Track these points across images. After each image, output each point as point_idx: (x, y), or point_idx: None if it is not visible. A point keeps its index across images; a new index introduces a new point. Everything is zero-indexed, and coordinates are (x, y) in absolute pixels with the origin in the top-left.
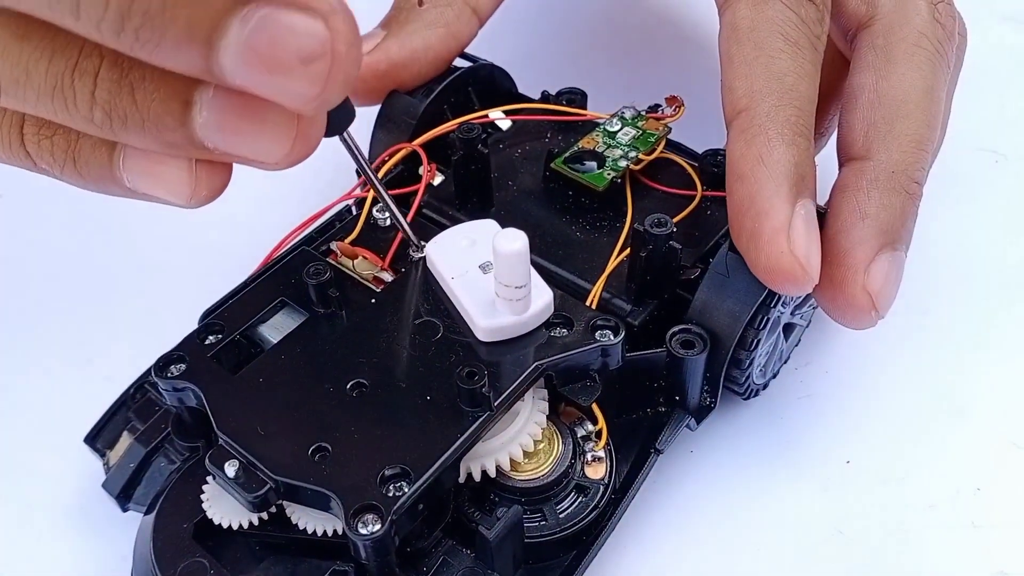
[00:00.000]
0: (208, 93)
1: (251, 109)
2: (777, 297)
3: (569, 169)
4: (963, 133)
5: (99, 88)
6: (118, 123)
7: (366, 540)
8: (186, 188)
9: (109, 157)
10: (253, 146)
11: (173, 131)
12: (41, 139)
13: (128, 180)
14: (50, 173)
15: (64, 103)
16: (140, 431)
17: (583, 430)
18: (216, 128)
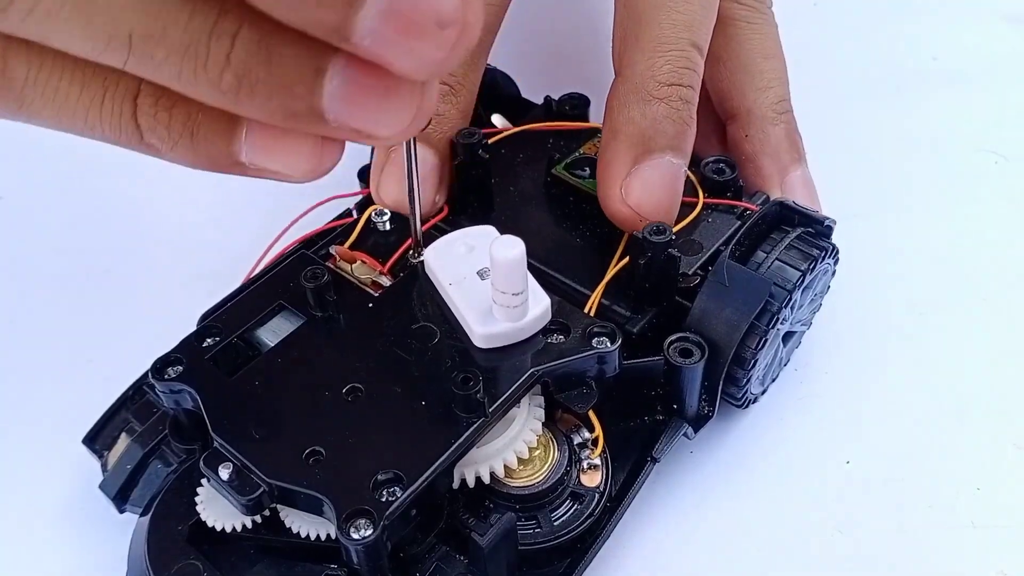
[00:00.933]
0: (340, 62)
1: (381, 82)
2: (777, 315)
3: (570, 175)
4: (964, 132)
5: (236, 50)
6: (246, 90)
7: (358, 545)
8: (307, 162)
9: (229, 133)
10: (374, 119)
11: (300, 100)
12: (159, 111)
13: (247, 154)
14: (158, 150)
15: (195, 64)
16: (138, 432)
17: (579, 437)
18: (342, 99)
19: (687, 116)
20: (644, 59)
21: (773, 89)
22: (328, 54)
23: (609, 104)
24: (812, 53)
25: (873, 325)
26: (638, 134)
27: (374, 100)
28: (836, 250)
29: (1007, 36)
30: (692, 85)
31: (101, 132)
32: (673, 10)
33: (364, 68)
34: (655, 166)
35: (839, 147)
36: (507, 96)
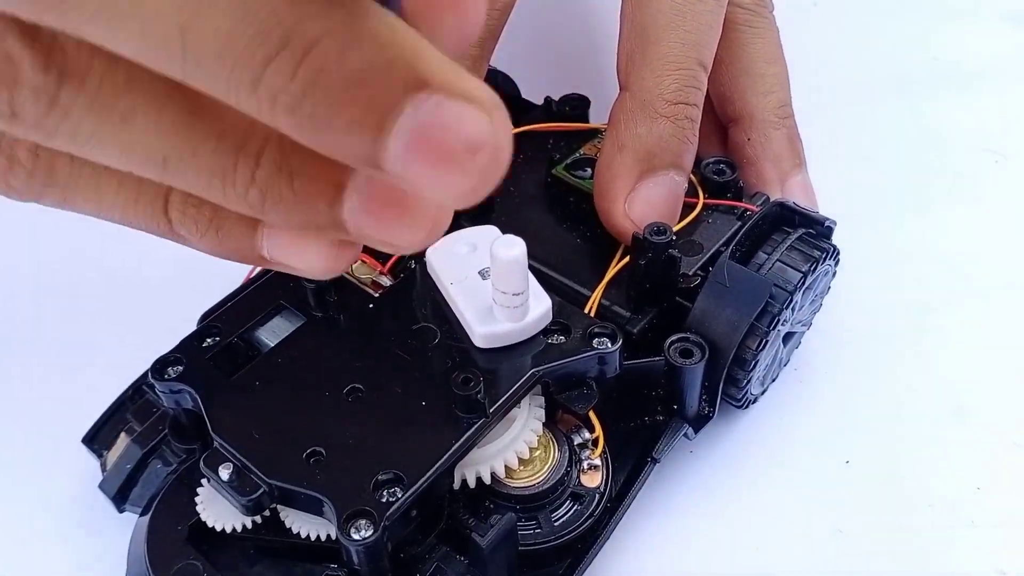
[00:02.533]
0: (360, 180)
1: (400, 196)
2: (777, 317)
3: (571, 176)
4: (963, 133)
5: (260, 170)
6: (271, 204)
7: (358, 545)
8: (325, 263)
9: (252, 230)
10: (394, 233)
11: (321, 214)
12: (187, 208)
13: (268, 252)
14: (186, 240)
15: (223, 182)
16: (138, 432)
17: (580, 438)
18: (363, 213)
19: (691, 135)
20: (652, 76)
21: (775, 94)
22: (348, 172)
23: (615, 117)
24: (812, 53)
25: (873, 325)
26: (644, 151)
27: (393, 216)
28: (837, 251)
29: (1007, 36)
30: (697, 104)
31: (136, 224)
32: (681, 28)
33: (384, 185)
34: (659, 183)
35: (839, 147)
36: (507, 97)
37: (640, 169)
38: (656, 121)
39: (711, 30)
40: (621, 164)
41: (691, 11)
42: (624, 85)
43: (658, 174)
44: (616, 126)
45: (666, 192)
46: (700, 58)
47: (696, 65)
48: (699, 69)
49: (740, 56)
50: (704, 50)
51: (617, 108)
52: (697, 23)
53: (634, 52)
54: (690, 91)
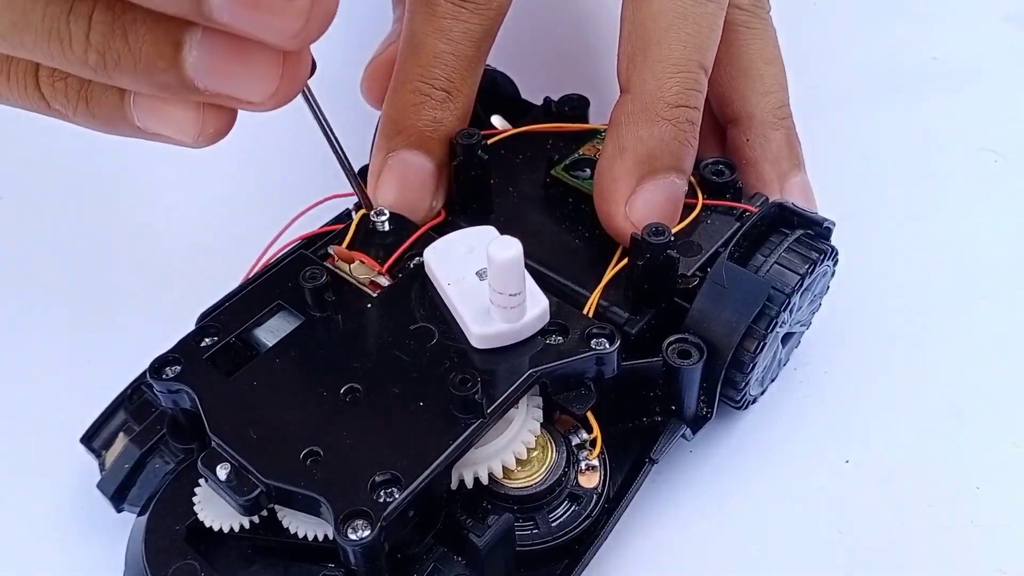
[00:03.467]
0: (197, 35)
1: (238, 49)
2: (775, 319)
3: (569, 176)
4: (963, 131)
5: (93, 30)
6: (111, 65)
7: (355, 546)
8: (193, 127)
9: (120, 97)
10: (241, 85)
11: (164, 72)
12: (55, 81)
13: (138, 119)
14: (64, 115)
15: (60, 46)
16: (136, 432)
17: (577, 438)
18: (205, 69)
19: (691, 138)
20: (653, 79)
21: (774, 94)
22: (184, 28)
23: (615, 120)
24: (811, 53)
25: (872, 325)
26: (645, 153)
27: (237, 68)
28: (835, 252)
29: (1007, 36)
30: (698, 107)
31: (15, 101)
32: (682, 31)
33: (224, 38)
34: (660, 186)
35: (839, 147)
36: (506, 97)
37: (641, 172)
38: (657, 124)
39: (712, 32)
40: (622, 167)
41: (692, 13)
42: (625, 87)
43: (659, 177)
44: (617, 128)
45: (667, 195)
46: (701, 60)
47: (697, 68)
48: (700, 72)
49: (738, 57)
50: (705, 52)
51: (618, 110)
52: (698, 25)
53: (635, 54)
54: (691, 94)
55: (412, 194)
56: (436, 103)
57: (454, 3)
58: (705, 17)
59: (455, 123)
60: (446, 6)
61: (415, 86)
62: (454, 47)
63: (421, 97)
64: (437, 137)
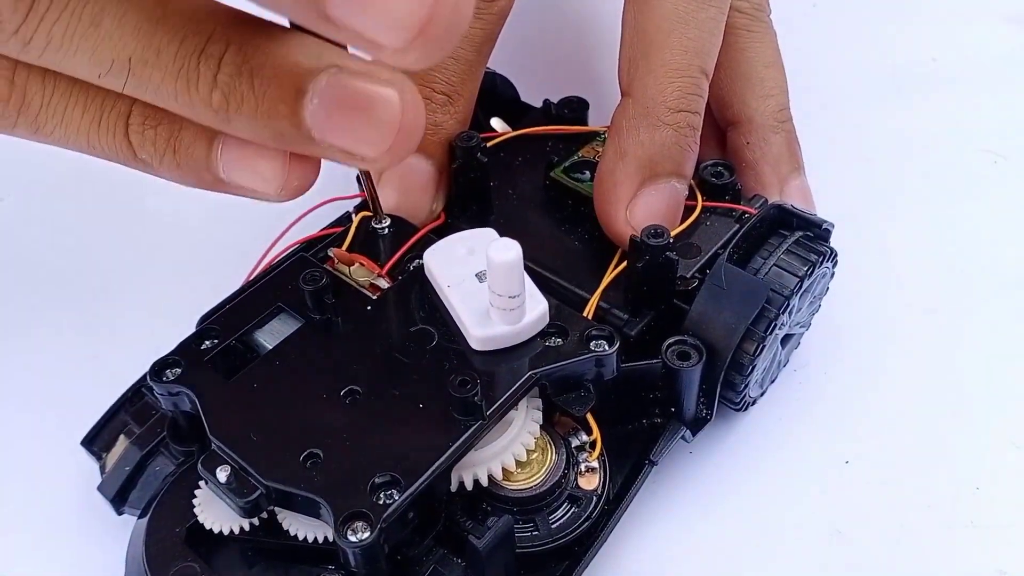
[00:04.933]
0: (322, 83)
1: (359, 101)
2: (774, 322)
3: (569, 178)
4: (963, 132)
5: (222, 72)
6: (234, 107)
7: (355, 547)
8: (279, 179)
9: (208, 148)
10: (357, 138)
11: (284, 119)
12: (146, 129)
13: (224, 171)
14: (148, 164)
15: (187, 85)
16: (136, 434)
17: (577, 440)
18: (325, 117)
19: (692, 142)
20: (654, 83)
21: (774, 97)
22: (309, 76)
23: (617, 124)
24: (811, 54)
25: (872, 325)
26: (646, 158)
27: (354, 119)
28: (835, 254)
29: (1007, 36)
30: (699, 111)
31: (101, 150)
32: (684, 35)
33: (343, 89)
34: (660, 190)
35: (838, 147)
36: (506, 99)
37: (642, 177)
38: (659, 129)
39: (713, 36)
40: (623, 171)
41: (694, 17)
42: (626, 91)
43: (660, 182)
44: (618, 133)
45: (667, 200)
46: (702, 65)
47: (698, 72)
48: (701, 76)
49: (739, 60)
50: (706, 57)
51: (619, 114)
52: (699, 30)
53: (636, 58)
54: (692, 98)
55: (412, 197)
56: (436, 107)
57: None
58: (706, 22)
59: (455, 126)
60: None
61: None
62: (455, 51)
63: None
64: (437, 140)
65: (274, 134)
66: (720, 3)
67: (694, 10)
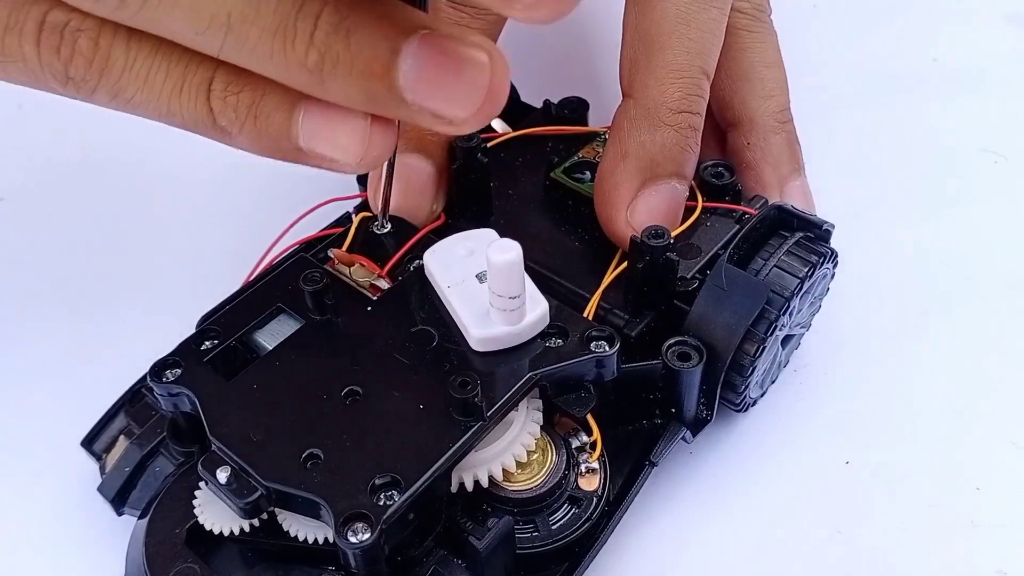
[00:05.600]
0: (414, 43)
1: (451, 62)
2: (775, 323)
3: (569, 179)
4: (964, 133)
5: (319, 30)
6: (329, 66)
7: (356, 548)
8: (359, 148)
9: (289, 115)
10: (449, 99)
11: (378, 79)
12: (228, 95)
13: (304, 139)
14: (228, 132)
15: (283, 43)
16: (137, 435)
17: (577, 441)
18: (417, 76)
19: (693, 143)
20: (655, 84)
21: (775, 98)
22: (402, 36)
23: (618, 124)
24: (811, 54)
25: (872, 326)
26: (647, 159)
27: (448, 79)
28: (835, 254)
29: (1007, 36)
30: (700, 112)
31: (180, 117)
32: (685, 36)
33: (439, 50)
34: (661, 191)
35: (838, 148)
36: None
37: (643, 178)
38: (660, 130)
39: (714, 38)
40: (624, 172)
41: (695, 19)
42: (627, 92)
43: (660, 183)
44: (619, 133)
45: (668, 201)
46: (704, 66)
47: (700, 73)
48: (702, 77)
49: (739, 61)
50: (708, 58)
51: (620, 115)
52: (701, 31)
53: (638, 59)
54: (694, 99)
55: (413, 198)
56: None
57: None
58: (708, 23)
59: None
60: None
61: None
62: None
63: None
64: (437, 141)
65: (367, 96)
66: (721, 4)
67: (695, 11)
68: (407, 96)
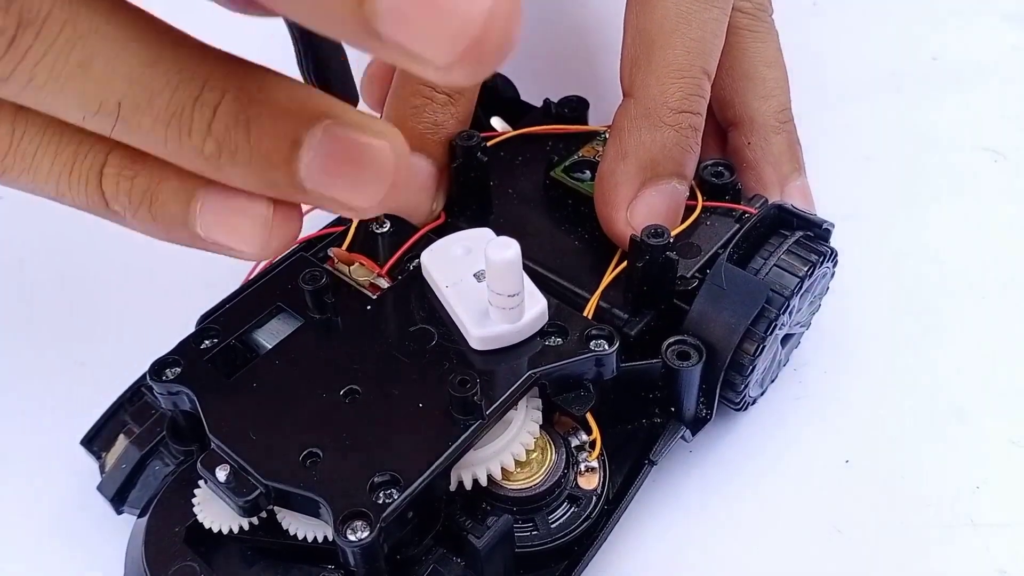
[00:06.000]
0: (317, 135)
1: (354, 153)
2: (775, 322)
3: (569, 178)
4: (963, 131)
5: (217, 121)
6: (227, 156)
7: (355, 546)
8: (261, 237)
9: (187, 204)
10: (350, 189)
11: (277, 169)
12: (121, 179)
13: (202, 228)
14: (120, 216)
15: (179, 132)
16: (136, 434)
17: (577, 440)
18: (319, 169)
19: (694, 143)
20: (656, 84)
21: (776, 98)
22: (304, 126)
23: (618, 124)
24: (811, 53)
25: (872, 325)
26: (647, 159)
27: (348, 171)
28: (835, 254)
29: (1007, 36)
30: (701, 112)
31: (70, 198)
32: (686, 36)
33: (341, 142)
34: (661, 191)
35: (838, 147)
36: (506, 99)
37: (643, 178)
38: (660, 130)
39: (715, 37)
40: (624, 172)
41: (696, 18)
42: (628, 91)
43: (661, 183)
44: (619, 133)
45: (668, 201)
46: (704, 66)
47: (701, 73)
48: (703, 77)
49: (740, 60)
50: (708, 58)
51: (620, 115)
52: (702, 30)
53: (638, 58)
54: (694, 99)
55: (413, 197)
56: (437, 107)
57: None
58: (709, 22)
59: (456, 126)
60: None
61: (417, 89)
62: None
63: (423, 100)
64: (437, 140)
65: (267, 183)
66: (722, 3)
67: (697, 10)
68: (307, 186)
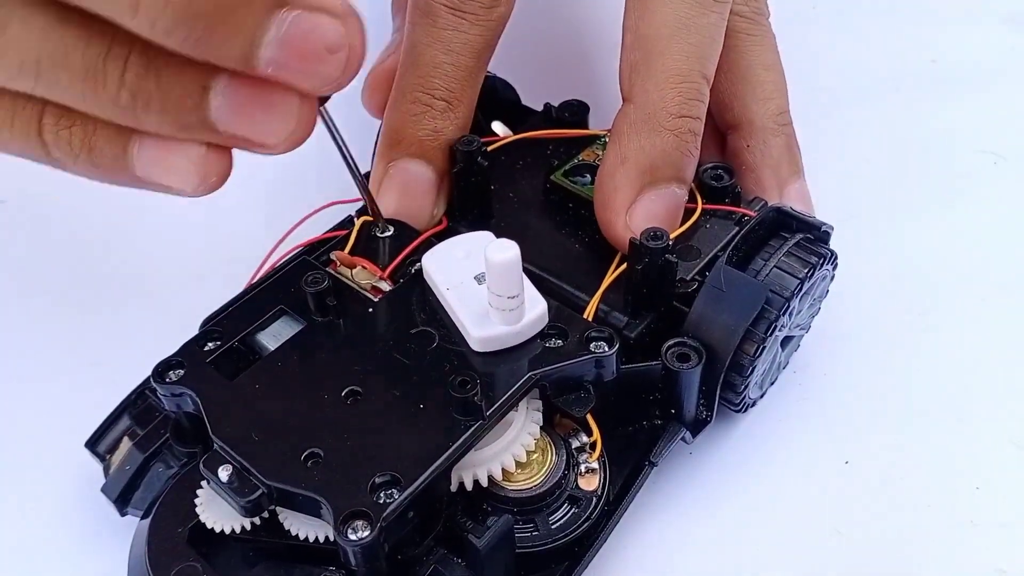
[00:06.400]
0: (223, 80)
1: (260, 95)
2: (774, 323)
3: (569, 182)
4: (963, 133)
5: (128, 72)
6: (141, 105)
7: (355, 546)
8: (194, 176)
9: (124, 147)
10: (259, 128)
11: (190, 113)
12: (59, 129)
13: (140, 169)
14: (62, 163)
15: (94, 85)
16: (140, 437)
17: (577, 441)
18: (229, 111)
19: (693, 148)
20: (656, 88)
21: (774, 100)
22: (212, 73)
23: (618, 129)
24: (811, 55)
25: (872, 327)
26: (647, 163)
27: (258, 111)
28: (835, 256)
29: (1006, 37)
30: (700, 116)
31: (14, 148)
32: (685, 41)
33: (247, 84)
34: (661, 196)
35: (838, 148)
36: (507, 103)
37: (642, 182)
38: (659, 134)
39: (714, 42)
40: (623, 177)
41: (695, 23)
42: (627, 96)
43: (660, 187)
44: (619, 138)
45: (667, 205)
46: (703, 70)
47: (700, 78)
48: (702, 82)
49: (738, 63)
50: (707, 62)
51: (620, 119)
52: (700, 35)
53: (638, 63)
54: (693, 104)
55: (414, 203)
56: (437, 113)
57: (454, 14)
58: (707, 27)
59: (455, 132)
60: (446, 17)
61: (416, 96)
62: (454, 58)
63: (422, 107)
64: (437, 145)
65: (182, 127)
66: (721, 8)
67: (695, 15)
68: (220, 127)
